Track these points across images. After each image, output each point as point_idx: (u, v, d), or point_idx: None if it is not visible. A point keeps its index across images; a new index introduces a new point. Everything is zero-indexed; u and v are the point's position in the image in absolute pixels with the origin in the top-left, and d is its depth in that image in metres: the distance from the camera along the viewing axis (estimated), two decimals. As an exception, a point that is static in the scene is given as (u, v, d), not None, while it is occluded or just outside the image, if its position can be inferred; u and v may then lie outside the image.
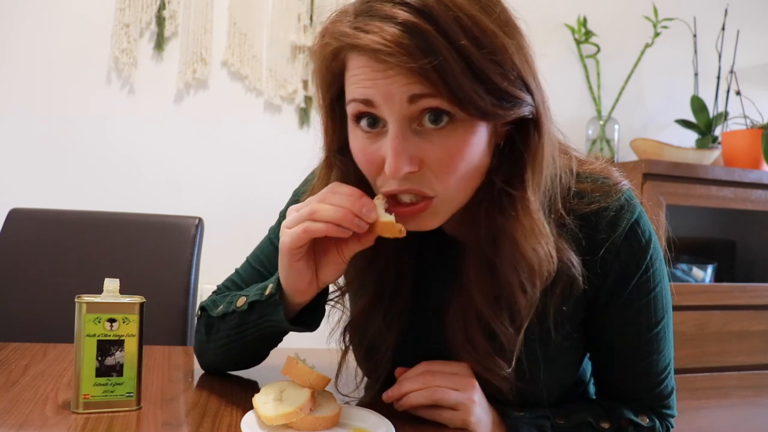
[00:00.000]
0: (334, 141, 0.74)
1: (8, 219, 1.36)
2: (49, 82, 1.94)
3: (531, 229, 0.69)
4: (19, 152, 1.92)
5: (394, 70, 0.61)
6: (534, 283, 0.71)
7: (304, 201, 0.70)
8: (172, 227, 1.39)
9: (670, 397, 0.84)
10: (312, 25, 2.14)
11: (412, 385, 0.76)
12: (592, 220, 0.75)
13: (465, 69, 0.60)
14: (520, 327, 0.73)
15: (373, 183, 0.70)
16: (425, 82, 0.61)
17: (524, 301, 0.72)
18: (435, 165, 0.65)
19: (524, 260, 0.70)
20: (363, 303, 0.81)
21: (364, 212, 0.65)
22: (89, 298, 0.72)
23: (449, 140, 0.64)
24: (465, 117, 0.63)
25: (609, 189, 0.77)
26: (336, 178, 0.75)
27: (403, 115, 0.63)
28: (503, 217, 0.69)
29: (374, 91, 0.63)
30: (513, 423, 0.76)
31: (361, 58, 0.63)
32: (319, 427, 0.68)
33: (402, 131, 0.63)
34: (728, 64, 2.48)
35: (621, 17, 2.50)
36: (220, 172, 2.09)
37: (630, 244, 0.76)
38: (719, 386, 2.12)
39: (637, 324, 0.80)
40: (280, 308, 0.74)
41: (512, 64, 0.64)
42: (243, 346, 0.84)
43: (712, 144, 2.41)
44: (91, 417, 0.70)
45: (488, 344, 0.74)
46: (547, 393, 0.79)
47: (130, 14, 1.99)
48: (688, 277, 2.29)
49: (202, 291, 1.79)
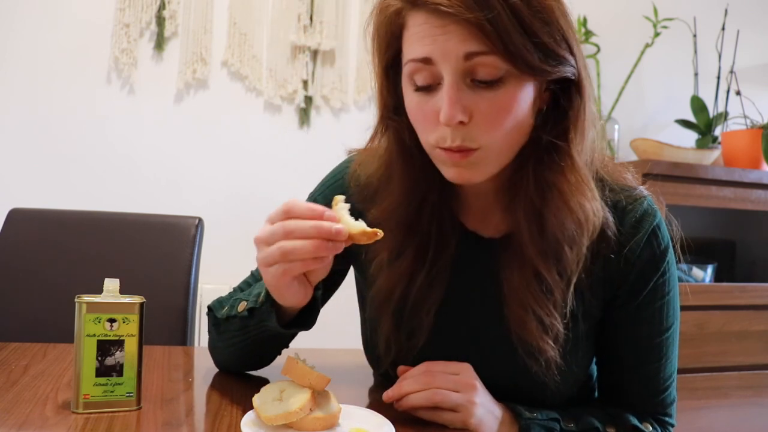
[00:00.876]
0: (389, 101, 0.78)
1: (8, 219, 1.36)
2: (49, 82, 1.94)
3: (577, 184, 0.73)
4: (19, 152, 1.92)
5: (451, 26, 0.66)
6: (581, 236, 0.74)
7: (275, 222, 0.67)
8: (172, 227, 1.39)
9: (671, 406, 0.85)
10: (312, 25, 2.14)
11: (412, 385, 0.76)
12: (619, 215, 0.79)
13: (516, 24, 0.65)
14: (569, 281, 0.76)
15: (426, 140, 0.74)
16: (480, 37, 0.65)
17: (572, 255, 0.75)
18: (483, 119, 0.69)
19: (571, 214, 0.73)
20: (405, 263, 0.80)
21: (334, 234, 0.65)
22: (89, 298, 0.72)
23: (498, 95, 0.68)
24: (514, 74, 0.68)
25: (633, 192, 0.81)
26: (391, 137, 0.79)
27: (458, 69, 0.68)
28: (550, 171, 0.74)
29: (433, 48, 0.68)
30: (526, 424, 0.76)
31: (421, 14, 0.68)
32: (319, 427, 0.68)
33: (457, 82, 0.68)
34: (728, 64, 2.48)
35: (621, 17, 2.51)
36: (220, 172, 2.09)
37: (651, 247, 0.79)
38: (719, 386, 2.12)
39: (650, 326, 0.81)
40: (272, 315, 0.75)
41: (558, 25, 0.69)
42: (249, 347, 0.85)
43: (712, 144, 2.41)
44: (91, 417, 0.70)
45: (544, 296, 0.75)
46: (565, 387, 0.80)
47: (130, 14, 1.99)
48: (688, 277, 2.29)
49: (202, 291, 1.79)
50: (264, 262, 0.68)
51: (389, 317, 0.82)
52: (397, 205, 0.79)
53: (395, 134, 0.79)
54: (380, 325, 0.84)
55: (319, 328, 0.81)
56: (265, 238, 0.68)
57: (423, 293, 0.80)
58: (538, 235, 0.75)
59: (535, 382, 0.78)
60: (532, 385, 0.79)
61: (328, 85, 2.18)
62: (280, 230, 0.66)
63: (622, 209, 0.80)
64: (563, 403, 0.82)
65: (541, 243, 0.75)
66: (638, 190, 0.82)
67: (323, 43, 2.14)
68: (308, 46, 2.14)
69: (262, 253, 0.68)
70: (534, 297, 0.76)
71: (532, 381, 0.78)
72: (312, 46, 2.14)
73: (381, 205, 0.81)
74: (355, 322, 0.96)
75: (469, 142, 0.70)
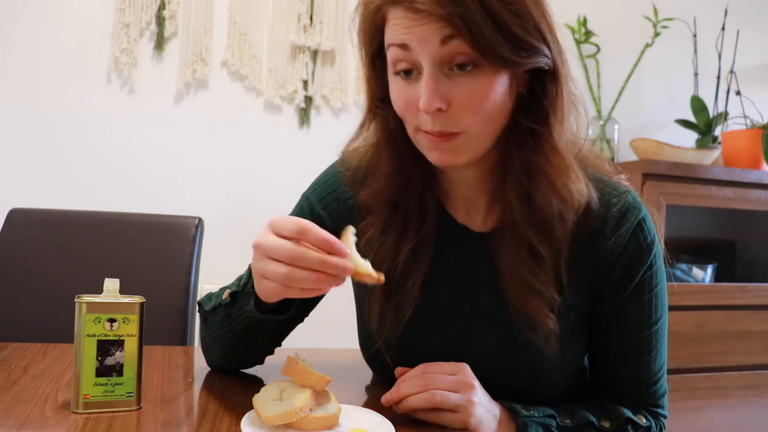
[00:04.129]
0: (376, 91, 0.82)
1: (8, 219, 1.36)
2: (49, 82, 1.94)
3: (560, 167, 0.76)
4: (19, 152, 1.92)
5: (427, 18, 0.69)
6: (568, 212, 0.77)
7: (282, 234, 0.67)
8: (172, 227, 1.39)
9: (663, 398, 0.87)
10: (312, 25, 2.14)
11: (410, 387, 0.76)
12: (604, 207, 0.81)
13: (486, 18, 0.68)
14: (560, 252, 0.79)
15: (410, 126, 0.78)
16: (453, 30, 0.68)
17: (560, 230, 0.78)
18: (461, 105, 0.72)
19: (558, 193, 0.77)
20: (391, 238, 0.83)
21: (341, 271, 0.66)
22: (89, 298, 0.72)
23: (474, 83, 0.71)
24: (487, 63, 0.70)
25: (617, 184, 0.84)
26: (378, 124, 0.83)
27: (435, 57, 0.71)
28: (534, 155, 0.77)
29: (411, 36, 0.71)
30: (523, 422, 0.76)
31: (400, 10, 0.72)
32: (319, 427, 0.68)
33: (434, 72, 0.71)
34: (728, 64, 2.48)
35: (621, 17, 2.50)
36: (220, 172, 2.09)
37: (637, 239, 0.81)
38: (719, 386, 2.12)
39: (639, 318, 0.83)
40: (251, 298, 0.77)
41: (530, 16, 0.71)
42: (234, 340, 0.85)
43: (712, 144, 2.41)
44: (91, 417, 0.70)
45: (537, 267, 0.78)
46: (558, 378, 0.82)
47: (130, 14, 1.99)
48: (688, 277, 2.29)
49: (202, 291, 1.78)
50: (261, 274, 0.69)
51: (379, 290, 0.84)
52: (384, 187, 0.83)
53: (382, 121, 0.83)
54: (371, 299, 0.86)
55: (319, 328, 0.81)
56: (267, 251, 0.67)
57: (408, 266, 0.83)
58: (528, 212, 0.78)
59: (534, 355, 0.80)
60: (531, 358, 0.81)
61: (328, 85, 2.18)
62: (287, 253, 0.66)
63: (607, 202, 0.81)
64: (559, 390, 0.84)
65: (531, 219, 0.78)
66: (621, 182, 0.84)
67: (323, 43, 2.14)
68: (308, 46, 2.14)
69: (261, 263, 0.68)
70: (530, 270, 0.78)
71: (531, 355, 0.80)
72: (312, 46, 2.14)
73: (370, 187, 0.85)
74: (355, 323, 0.96)
75: (450, 127, 0.73)
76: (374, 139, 0.85)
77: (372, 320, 0.86)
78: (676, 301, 2.06)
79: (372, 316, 0.86)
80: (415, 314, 0.83)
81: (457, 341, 0.84)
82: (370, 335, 0.87)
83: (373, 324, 0.86)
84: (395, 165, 0.83)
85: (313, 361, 0.74)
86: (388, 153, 0.83)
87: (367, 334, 0.90)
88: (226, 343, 0.86)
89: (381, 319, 0.85)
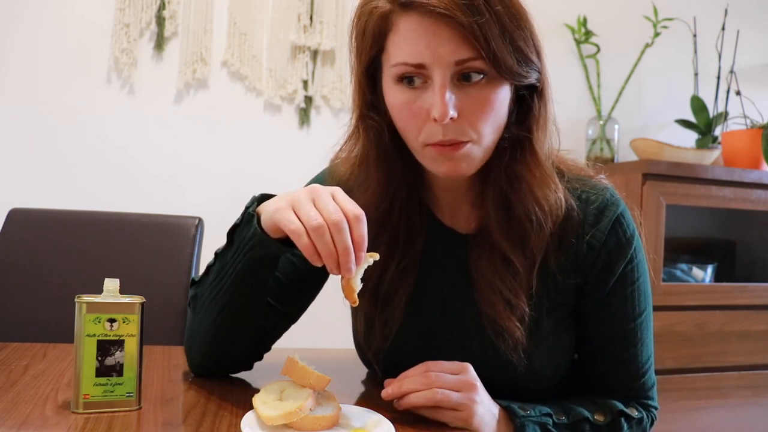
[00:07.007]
0: (369, 100, 0.81)
1: (8, 219, 1.36)
2: (49, 82, 1.94)
3: (542, 177, 0.79)
4: (19, 152, 1.92)
5: (444, 30, 0.69)
6: (546, 221, 0.79)
7: (333, 211, 0.67)
8: (172, 227, 1.39)
9: (652, 389, 0.88)
10: (312, 25, 2.14)
11: (412, 385, 0.76)
12: (582, 206, 0.82)
13: (499, 30, 0.70)
14: (533, 263, 0.80)
15: (413, 138, 0.77)
16: (470, 42, 0.69)
17: (537, 239, 0.79)
18: (471, 114, 0.73)
19: (537, 202, 0.79)
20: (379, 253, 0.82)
21: (346, 270, 0.67)
22: (89, 298, 0.72)
23: (482, 94, 0.73)
24: (495, 75, 0.73)
25: (595, 182, 0.85)
26: (370, 135, 0.81)
27: (448, 73, 0.72)
28: (518, 165, 0.79)
29: (426, 54, 0.71)
30: (520, 422, 0.77)
31: (413, 17, 0.71)
32: (319, 427, 0.68)
33: (448, 83, 0.72)
34: (728, 64, 2.48)
35: (621, 17, 2.50)
36: (220, 171, 2.09)
37: (617, 234, 0.82)
38: (719, 386, 2.12)
39: (623, 312, 0.84)
40: (253, 220, 0.74)
41: (532, 33, 0.74)
42: (226, 298, 0.80)
43: (712, 144, 2.41)
44: (91, 417, 0.70)
45: (510, 276, 0.79)
46: (548, 372, 0.83)
47: (130, 14, 1.99)
48: (688, 277, 2.29)
49: (202, 291, 1.79)
50: (295, 207, 0.68)
51: (366, 307, 0.85)
52: (371, 202, 0.82)
53: (374, 133, 0.81)
54: (359, 314, 0.88)
55: (319, 328, 0.81)
56: (317, 199, 0.68)
57: (395, 284, 0.84)
58: (505, 221, 0.80)
59: (504, 364, 0.81)
60: (501, 368, 0.81)
61: (328, 85, 2.18)
62: (330, 215, 0.66)
63: (585, 200, 0.83)
64: (551, 385, 0.86)
65: (508, 228, 0.80)
66: (599, 181, 0.86)
67: (323, 43, 2.14)
68: (308, 46, 2.14)
69: (303, 204, 0.67)
70: (501, 279, 0.80)
71: (501, 363, 0.81)
72: (312, 46, 2.14)
73: (357, 200, 0.81)
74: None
75: (460, 135, 0.74)
76: (362, 151, 0.83)
77: (359, 334, 0.89)
78: (676, 301, 2.06)
79: (359, 330, 0.88)
80: (402, 328, 0.85)
81: (447, 344, 0.85)
82: (361, 346, 0.90)
83: (361, 339, 0.89)
84: (384, 178, 0.82)
85: (313, 361, 0.75)
86: (376, 166, 0.82)
87: (358, 345, 0.92)
88: (215, 308, 0.81)
89: (368, 336, 0.87)
